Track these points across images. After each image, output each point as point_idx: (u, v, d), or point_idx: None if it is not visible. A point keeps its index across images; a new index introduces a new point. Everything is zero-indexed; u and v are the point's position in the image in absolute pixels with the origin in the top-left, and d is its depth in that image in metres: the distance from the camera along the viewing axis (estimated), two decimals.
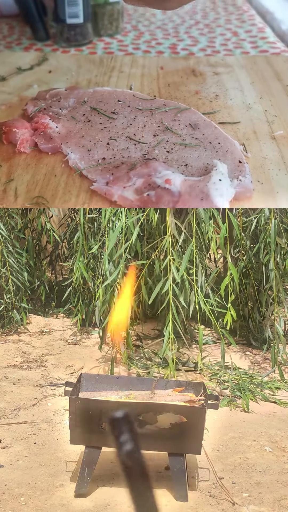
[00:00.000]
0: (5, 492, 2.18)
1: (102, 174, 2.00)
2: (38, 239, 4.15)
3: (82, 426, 2.15)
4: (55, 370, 3.32)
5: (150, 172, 1.93)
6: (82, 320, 3.84)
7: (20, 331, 3.83)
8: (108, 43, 3.09)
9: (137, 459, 0.67)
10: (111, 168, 2.01)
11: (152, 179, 1.90)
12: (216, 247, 3.42)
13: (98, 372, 3.26)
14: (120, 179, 1.95)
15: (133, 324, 3.68)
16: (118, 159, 2.05)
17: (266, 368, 3.36)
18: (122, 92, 2.47)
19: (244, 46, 3.00)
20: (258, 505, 2.14)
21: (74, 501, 2.13)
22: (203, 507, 2.11)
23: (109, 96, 2.42)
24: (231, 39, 3.09)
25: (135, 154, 2.08)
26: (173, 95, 2.54)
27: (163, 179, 1.88)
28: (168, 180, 1.87)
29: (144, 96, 2.46)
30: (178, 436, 2.14)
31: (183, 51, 2.97)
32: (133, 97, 2.43)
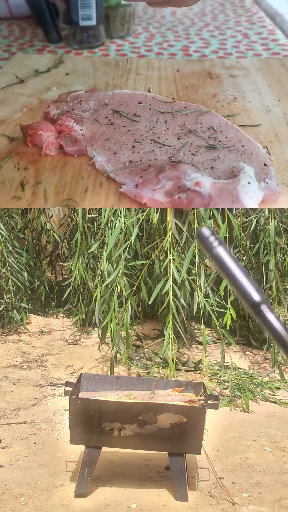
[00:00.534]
0: (5, 492, 2.18)
1: (130, 176, 2.02)
2: (38, 239, 4.16)
3: (82, 426, 2.15)
4: (55, 370, 3.32)
5: (179, 175, 1.95)
6: (82, 320, 3.84)
7: (20, 331, 3.83)
8: (120, 45, 3.12)
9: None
10: (139, 171, 2.02)
11: (182, 182, 1.92)
12: None
13: (98, 372, 3.26)
14: (149, 182, 1.97)
15: (133, 324, 3.68)
16: (145, 162, 2.07)
17: (266, 368, 3.36)
18: (142, 95, 2.48)
19: (256, 49, 3.03)
20: (258, 505, 2.14)
21: (74, 501, 2.13)
22: (203, 507, 2.12)
23: (129, 98, 2.44)
24: (242, 41, 3.11)
25: (161, 156, 2.09)
26: (192, 97, 2.56)
27: (193, 182, 1.90)
28: (198, 183, 1.89)
29: (163, 99, 2.47)
30: (178, 436, 2.14)
31: (195, 53, 3.00)
32: (153, 99, 2.44)
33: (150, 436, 2.15)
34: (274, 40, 3.10)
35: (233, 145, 2.13)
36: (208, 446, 2.49)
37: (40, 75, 2.77)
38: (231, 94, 2.59)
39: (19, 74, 2.72)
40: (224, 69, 2.82)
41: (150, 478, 2.29)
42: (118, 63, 2.92)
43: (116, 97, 2.44)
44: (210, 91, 2.61)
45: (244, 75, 2.75)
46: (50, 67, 2.84)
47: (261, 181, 1.95)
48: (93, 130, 2.23)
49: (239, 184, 1.87)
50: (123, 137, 2.19)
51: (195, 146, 2.13)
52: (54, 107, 2.36)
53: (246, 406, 2.86)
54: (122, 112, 2.33)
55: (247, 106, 2.49)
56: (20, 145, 2.19)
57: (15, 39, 3.20)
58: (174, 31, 3.28)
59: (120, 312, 3.21)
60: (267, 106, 2.49)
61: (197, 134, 2.20)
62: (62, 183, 2.02)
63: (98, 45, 3.08)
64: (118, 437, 2.15)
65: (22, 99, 2.55)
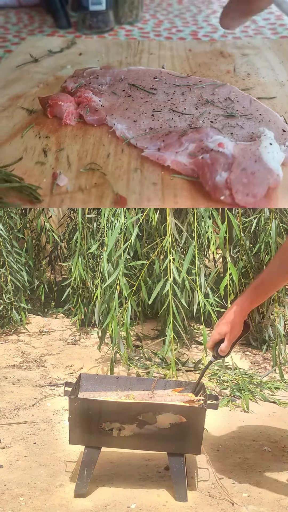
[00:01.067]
0: (5, 492, 2.18)
1: (152, 141, 2.07)
2: (38, 239, 4.15)
3: (82, 426, 2.15)
4: (54, 370, 3.31)
5: (201, 138, 1.99)
6: (81, 320, 3.84)
7: (19, 331, 3.83)
8: (129, 31, 3.22)
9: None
10: (161, 136, 2.06)
11: (204, 144, 1.95)
12: (215, 247, 3.42)
13: (97, 372, 3.26)
14: (172, 145, 2.01)
15: (133, 324, 3.68)
16: (165, 129, 2.11)
17: (266, 368, 3.36)
18: (157, 71, 2.54)
19: (264, 33, 3.11)
20: (258, 505, 2.14)
21: (74, 501, 2.13)
22: (202, 507, 2.11)
23: (144, 74, 2.50)
24: (250, 26, 3.17)
25: (181, 124, 2.14)
26: (206, 74, 2.62)
27: (216, 143, 1.93)
28: (221, 144, 1.92)
29: (178, 74, 2.54)
30: (178, 436, 2.14)
31: (204, 37, 3.08)
32: (168, 75, 2.51)
33: (150, 436, 2.15)
34: (282, 25, 3.20)
35: (251, 113, 2.19)
36: (208, 446, 2.49)
37: (54, 55, 2.85)
38: (245, 70, 2.66)
39: (33, 54, 2.82)
40: (236, 48, 2.91)
41: (150, 478, 2.29)
42: (130, 44, 3.06)
43: (131, 73, 2.51)
44: (223, 68, 2.69)
45: (256, 53, 2.84)
46: (63, 47, 2.93)
47: (282, 145, 2.00)
48: (111, 101, 2.29)
49: (261, 145, 1.91)
50: (141, 107, 2.25)
51: (214, 115, 2.19)
52: (71, 81, 2.42)
53: (246, 406, 2.86)
54: (139, 85, 2.39)
55: (261, 81, 2.56)
56: (39, 117, 2.28)
57: (24, 26, 3.30)
58: (182, 17, 3.37)
59: (120, 312, 3.20)
60: (281, 81, 2.56)
61: (214, 104, 2.26)
62: (84, 149, 2.09)
63: (107, 30, 3.17)
64: (118, 437, 2.15)
65: (38, 76, 2.62)
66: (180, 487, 2.14)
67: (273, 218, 3.35)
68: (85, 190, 1.93)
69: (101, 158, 2.05)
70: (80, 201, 1.91)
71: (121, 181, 1.95)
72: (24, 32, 3.21)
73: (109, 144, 2.13)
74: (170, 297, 3.10)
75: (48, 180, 1.96)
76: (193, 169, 1.95)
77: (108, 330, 3.21)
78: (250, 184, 1.83)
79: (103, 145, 2.12)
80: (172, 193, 1.90)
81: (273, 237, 3.32)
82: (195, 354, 3.49)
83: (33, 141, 2.15)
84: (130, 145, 2.09)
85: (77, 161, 2.04)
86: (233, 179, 1.84)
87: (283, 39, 3.06)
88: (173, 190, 1.91)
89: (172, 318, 3.10)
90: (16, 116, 2.31)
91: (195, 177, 1.94)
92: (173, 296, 3.11)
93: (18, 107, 2.37)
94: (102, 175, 1.98)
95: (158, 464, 2.36)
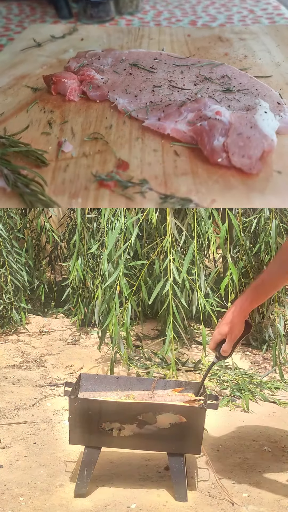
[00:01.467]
0: (5, 492, 2.18)
1: (152, 113, 2.17)
2: (38, 239, 4.15)
3: (82, 426, 2.15)
4: (54, 370, 3.31)
5: (200, 107, 2.09)
6: (81, 320, 3.84)
7: (19, 331, 3.83)
8: (129, 20, 3.29)
9: None
10: (162, 107, 2.17)
11: (203, 112, 2.06)
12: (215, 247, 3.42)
13: (97, 372, 3.26)
14: (171, 115, 2.11)
15: (132, 324, 3.67)
16: (165, 102, 2.21)
17: (266, 368, 3.36)
18: (157, 52, 2.65)
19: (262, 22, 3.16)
20: (258, 505, 2.14)
21: (74, 501, 2.13)
22: (202, 507, 2.11)
23: (144, 55, 2.61)
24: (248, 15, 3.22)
25: (180, 98, 2.23)
26: (204, 57, 2.72)
27: (213, 112, 2.03)
28: (219, 112, 2.03)
29: (178, 56, 2.65)
30: (178, 436, 2.14)
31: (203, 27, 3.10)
32: (168, 56, 2.61)
33: (150, 436, 2.14)
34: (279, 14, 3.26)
35: (247, 89, 2.30)
36: (208, 446, 2.49)
37: (56, 40, 2.96)
38: (242, 53, 2.77)
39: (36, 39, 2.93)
40: (233, 34, 3.02)
41: (150, 478, 2.29)
42: (131, 31, 3.23)
43: (132, 55, 2.61)
44: (221, 51, 2.80)
45: (253, 38, 2.95)
46: (65, 33, 3.04)
47: (276, 115, 2.10)
48: (113, 79, 2.40)
49: (257, 113, 2.03)
50: (142, 84, 2.35)
51: (212, 90, 2.29)
52: (74, 61, 2.53)
53: (246, 406, 2.86)
54: (140, 65, 2.50)
55: (257, 62, 2.68)
56: (43, 94, 2.39)
57: (26, 16, 3.38)
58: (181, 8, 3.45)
59: (120, 312, 3.20)
60: (277, 61, 2.67)
61: (212, 81, 2.37)
62: (87, 121, 2.19)
63: (108, 20, 3.27)
64: (118, 437, 2.15)
65: (41, 59, 2.73)
66: (180, 487, 2.14)
67: (273, 218, 3.35)
68: (89, 156, 2.03)
69: (104, 129, 2.15)
70: (84, 166, 2.00)
71: (123, 149, 2.06)
72: (26, 22, 3.29)
73: (111, 117, 2.23)
74: (170, 297, 3.10)
75: (54, 147, 2.07)
76: (192, 136, 2.05)
77: (109, 330, 3.20)
78: (245, 147, 1.94)
79: (105, 118, 2.23)
80: (172, 159, 2.01)
81: (273, 237, 3.32)
82: (195, 354, 3.49)
83: (38, 114, 2.25)
84: (131, 118, 2.20)
85: (81, 131, 2.15)
86: (230, 143, 1.95)
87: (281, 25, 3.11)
88: (172, 156, 2.02)
89: (172, 318, 3.10)
90: (21, 94, 2.42)
91: (194, 144, 2.05)
92: (173, 296, 3.11)
93: (23, 86, 2.47)
94: (105, 143, 2.08)
95: (158, 464, 2.36)
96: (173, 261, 3.13)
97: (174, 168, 1.97)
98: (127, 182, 1.92)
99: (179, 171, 1.95)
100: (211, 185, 1.91)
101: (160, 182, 1.91)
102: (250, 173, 1.93)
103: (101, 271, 3.34)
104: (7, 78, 2.54)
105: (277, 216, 3.38)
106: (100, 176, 1.93)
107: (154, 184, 1.90)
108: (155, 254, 3.42)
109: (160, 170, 1.96)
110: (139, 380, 2.40)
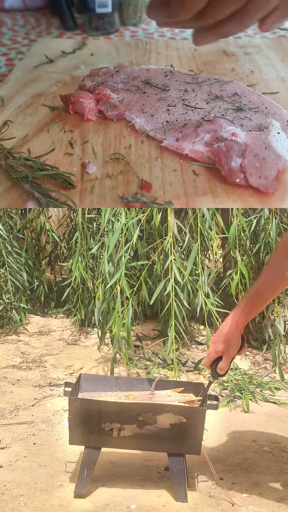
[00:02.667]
0: (5, 492, 2.17)
1: (170, 133, 2.23)
2: (37, 239, 4.15)
3: (82, 426, 2.14)
4: (54, 370, 3.31)
5: (216, 128, 2.16)
6: (81, 320, 3.84)
7: (19, 331, 3.82)
8: (134, 32, 3.31)
9: None
10: (179, 127, 2.24)
11: (219, 134, 2.13)
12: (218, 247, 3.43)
13: (97, 372, 3.26)
14: (189, 135, 2.18)
15: (132, 324, 3.67)
16: (181, 121, 2.28)
17: (267, 368, 3.36)
18: (167, 69, 2.70)
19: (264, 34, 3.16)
20: (258, 506, 2.13)
21: (74, 502, 2.13)
22: (202, 508, 2.11)
23: (155, 72, 2.67)
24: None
25: (194, 117, 2.30)
26: (212, 72, 2.77)
27: (229, 133, 2.11)
28: (235, 133, 2.10)
29: (187, 72, 2.70)
30: (178, 436, 2.14)
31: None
32: (178, 73, 2.67)
33: (150, 437, 2.14)
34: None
35: (257, 107, 2.37)
36: (208, 446, 2.49)
37: (67, 56, 3.00)
38: (248, 68, 2.82)
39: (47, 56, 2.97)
40: (238, 47, 3.05)
41: (150, 478, 2.28)
42: (138, 44, 3.25)
43: (143, 71, 2.67)
44: (228, 66, 2.85)
45: (257, 52, 2.99)
46: (75, 48, 3.07)
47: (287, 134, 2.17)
48: (128, 97, 2.45)
49: (270, 134, 2.11)
50: (157, 103, 2.41)
51: (224, 109, 2.36)
52: (89, 80, 2.58)
53: (247, 407, 2.85)
54: (152, 83, 2.56)
55: (264, 77, 2.73)
56: (62, 113, 2.45)
57: (32, 27, 3.36)
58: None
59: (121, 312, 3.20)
60: (283, 77, 2.73)
61: (223, 99, 2.43)
62: (107, 141, 2.25)
63: (113, 32, 3.30)
64: (118, 438, 2.15)
65: (55, 76, 2.78)
66: (180, 488, 2.14)
67: (273, 218, 3.35)
68: (113, 177, 2.10)
69: (124, 149, 2.21)
70: (109, 187, 2.06)
71: (144, 169, 2.12)
72: (32, 34, 3.29)
73: (129, 136, 2.29)
74: (171, 298, 3.10)
75: (78, 168, 2.13)
76: (209, 156, 2.13)
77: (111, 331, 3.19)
78: (262, 167, 2.02)
79: (124, 137, 2.28)
80: (191, 178, 2.07)
81: (273, 237, 3.32)
82: (195, 354, 3.49)
83: (59, 134, 2.31)
84: (149, 137, 2.26)
85: (102, 151, 2.21)
86: (247, 164, 2.03)
87: (281, 38, 3.12)
88: (192, 176, 2.09)
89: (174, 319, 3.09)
90: (39, 113, 2.47)
91: (212, 164, 2.12)
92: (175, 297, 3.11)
93: (40, 105, 2.52)
94: (126, 164, 2.14)
95: (158, 465, 2.36)
96: (175, 262, 3.13)
97: (194, 187, 2.03)
98: (152, 204, 1.97)
99: (200, 191, 2.01)
100: (230, 204, 1.98)
101: (182, 203, 1.97)
102: (267, 192, 2.01)
103: (101, 271, 3.34)
104: (23, 96, 2.61)
105: (277, 216, 3.38)
106: (127, 198, 1.99)
107: (177, 205, 1.97)
108: (156, 254, 3.42)
109: (181, 190, 2.02)
110: (139, 381, 2.40)
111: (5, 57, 3.06)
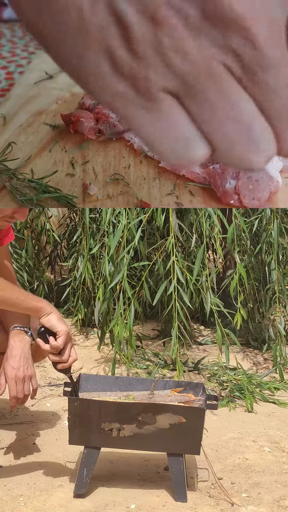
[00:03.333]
0: (4, 492, 2.17)
1: None
2: (38, 239, 4.15)
3: (81, 426, 2.14)
4: (54, 370, 3.29)
5: None
6: (81, 320, 3.84)
7: None
8: None
9: None
10: None
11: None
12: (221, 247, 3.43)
13: (97, 372, 3.26)
14: None
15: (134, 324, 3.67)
16: None
17: (267, 368, 3.36)
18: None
19: None
20: (257, 506, 2.13)
21: (73, 502, 2.13)
22: (202, 507, 2.11)
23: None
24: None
25: None
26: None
27: None
28: None
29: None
30: (177, 436, 2.14)
31: None
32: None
33: (149, 437, 2.14)
34: None
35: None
36: (207, 446, 2.49)
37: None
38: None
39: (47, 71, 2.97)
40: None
41: (149, 478, 2.28)
42: None
43: None
44: None
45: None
46: None
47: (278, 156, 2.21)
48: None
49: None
50: None
51: None
52: (88, 98, 2.60)
53: (250, 406, 2.85)
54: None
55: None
56: (62, 132, 2.46)
57: (30, 39, 3.33)
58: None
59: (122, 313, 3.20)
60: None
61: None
62: (107, 161, 2.28)
63: None
64: (117, 438, 2.15)
65: (55, 93, 2.79)
66: (179, 488, 2.14)
67: (274, 218, 3.35)
68: (113, 198, 2.14)
69: (123, 169, 2.25)
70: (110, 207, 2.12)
71: (142, 189, 2.16)
72: (31, 46, 3.26)
73: (128, 156, 2.32)
74: (174, 299, 3.09)
75: (79, 189, 2.17)
76: (205, 177, 2.17)
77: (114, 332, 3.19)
78: (255, 190, 2.07)
79: (123, 157, 2.31)
80: (188, 199, 2.14)
81: (274, 237, 3.32)
82: (196, 354, 3.49)
83: (60, 154, 2.34)
84: (147, 157, 2.30)
85: (102, 172, 2.24)
86: (241, 186, 2.07)
87: None
88: (188, 196, 2.14)
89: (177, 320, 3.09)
90: (41, 131, 2.49)
91: (207, 184, 2.17)
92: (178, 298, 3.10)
93: (41, 123, 2.54)
94: (126, 184, 2.18)
95: (158, 465, 2.36)
96: (177, 263, 3.13)
97: (191, 205, 2.11)
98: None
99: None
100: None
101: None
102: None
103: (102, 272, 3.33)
104: (25, 114, 2.62)
105: (279, 216, 3.38)
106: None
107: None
108: (158, 254, 3.41)
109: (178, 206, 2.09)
110: (138, 381, 2.40)
111: (4, 70, 3.04)
